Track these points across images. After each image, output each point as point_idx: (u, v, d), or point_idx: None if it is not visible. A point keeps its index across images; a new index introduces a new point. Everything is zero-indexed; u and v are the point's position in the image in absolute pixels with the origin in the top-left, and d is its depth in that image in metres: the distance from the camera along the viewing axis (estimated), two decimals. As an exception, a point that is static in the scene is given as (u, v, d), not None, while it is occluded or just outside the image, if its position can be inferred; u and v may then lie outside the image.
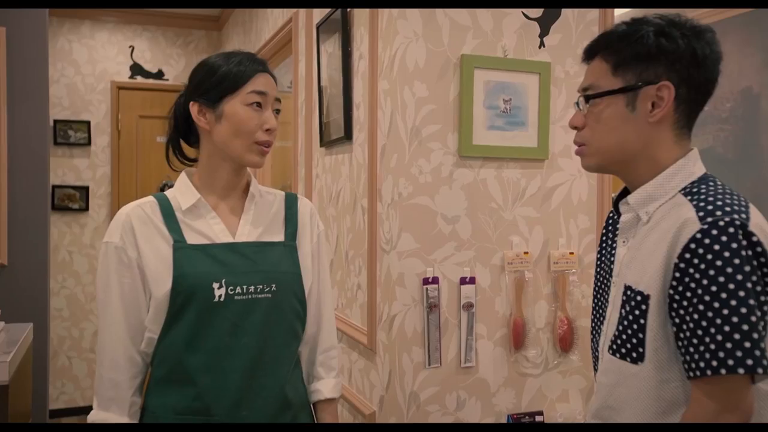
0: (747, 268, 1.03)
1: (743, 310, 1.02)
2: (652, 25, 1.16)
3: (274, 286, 1.39)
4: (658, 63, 1.15)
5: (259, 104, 1.38)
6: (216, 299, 1.34)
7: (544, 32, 2.05)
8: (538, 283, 2.07)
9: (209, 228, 1.40)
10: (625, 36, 1.18)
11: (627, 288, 1.19)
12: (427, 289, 1.93)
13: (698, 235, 1.05)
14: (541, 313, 2.08)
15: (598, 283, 1.37)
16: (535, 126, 2.03)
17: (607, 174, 1.76)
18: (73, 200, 4.80)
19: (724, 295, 1.03)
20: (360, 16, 2.20)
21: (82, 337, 4.84)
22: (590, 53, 1.25)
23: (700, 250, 1.04)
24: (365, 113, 2.14)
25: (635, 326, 1.16)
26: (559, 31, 2.06)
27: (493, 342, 2.02)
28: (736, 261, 1.03)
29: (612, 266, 1.31)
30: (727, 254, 1.03)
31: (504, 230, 2.02)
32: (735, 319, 1.02)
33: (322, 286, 1.55)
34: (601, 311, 1.35)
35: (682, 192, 1.15)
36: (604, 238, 1.40)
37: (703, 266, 1.04)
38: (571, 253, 2.09)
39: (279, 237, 1.46)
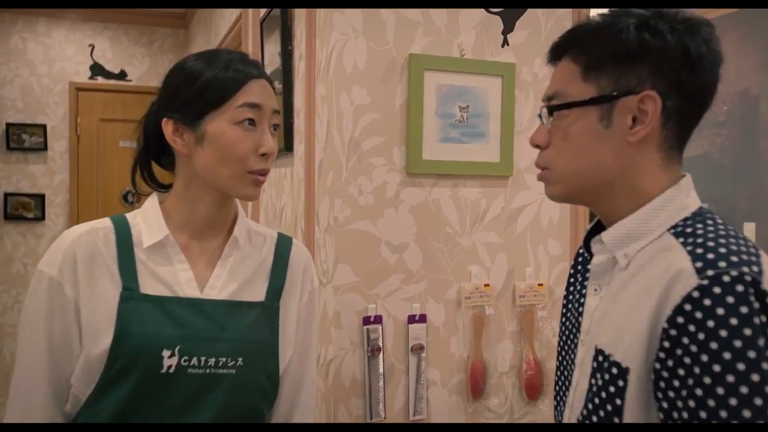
0: (761, 342, 0.76)
1: (758, 402, 0.74)
2: (634, 17, 0.91)
3: (240, 359, 1.09)
4: (640, 65, 0.89)
5: (252, 121, 1.08)
6: (164, 370, 1.05)
7: (508, 28, 1.76)
8: (501, 320, 1.79)
9: (173, 275, 1.10)
10: (600, 30, 0.92)
11: (598, 352, 0.93)
12: (368, 329, 1.65)
13: (695, 294, 0.78)
14: (504, 355, 1.79)
15: (564, 338, 1.10)
16: (497, 137, 1.75)
17: (577, 204, 1.43)
18: (27, 209, 4.51)
19: (731, 379, 0.75)
20: (301, 10, 1.91)
21: (37, 355, 4.55)
22: (557, 52, 0.99)
23: (698, 314, 0.78)
24: (303, 122, 1.86)
25: (609, 407, 0.89)
26: (525, 27, 1.78)
27: (447, 390, 1.74)
28: (747, 331, 0.76)
29: (580, 319, 1.03)
30: (734, 321, 0.76)
31: (461, 259, 1.73)
32: (747, 413, 0.75)
33: (306, 360, 1.23)
34: (566, 373, 1.08)
35: (672, 231, 0.90)
36: (572, 280, 1.13)
37: (701, 336, 0.77)
38: (540, 285, 1.80)
39: (259, 295, 1.15)
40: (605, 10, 0.98)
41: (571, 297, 1.11)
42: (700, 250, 0.82)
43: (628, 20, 0.90)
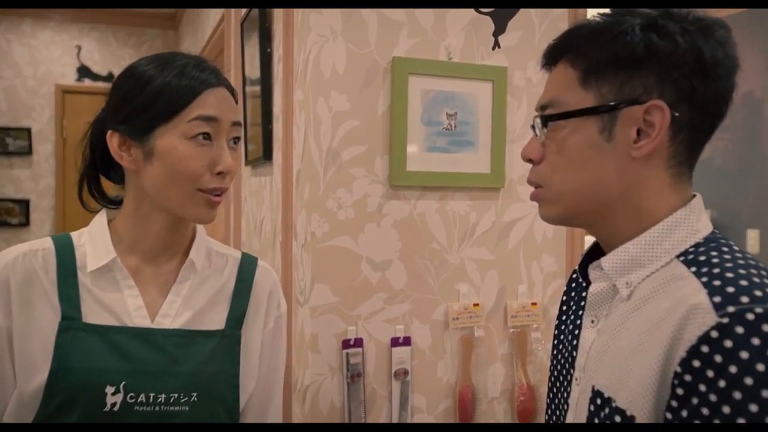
0: None
1: None
2: (639, 17, 0.81)
3: (195, 395, 0.99)
4: (647, 71, 0.79)
5: (207, 135, 0.98)
6: (107, 408, 0.95)
7: (500, 30, 1.64)
8: (492, 342, 1.67)
9: (121, 302, 1.00)
10: (601, 32, 0.82)
11: (596, 394, 0.82)
12: (347, 353, 1.53)
13: (714, 334, 0.68)
14: (495, 379, 1.68)
15: (556, 373, 0.99)
16: (487, 146, 1.63)
17: (574, 227, 1.27)
18: (12, 214, 4.41)
19: None
20: (279, 10, 1.80)
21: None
22: (552, 56, 0.89)
23: (717, 358, 0.68)
24: (282, 129, 1.74)
25: None
26: (518, 29, 1.66)
27: (434, 417, 1.62)
28: None
29: (574, 354, 0.92)
30: (761, 367, 0.66)
31: (448, 277, 1.62)
32: None
33: (270, 392, 1.13)
34: (558, 413, 0.97)
35: (682, 259, 0.80)
36: (564, 308, 1.03)
37: (722, 384, 0.67)
38: (534, 304, 1.69)
39: (218, 322, 1.06)
40: (602, 11, 0.87)
41: (563, 327, 1.00)
42: (717, 282, 0.72)
43: (633, 20, 0.80)
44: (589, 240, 1.00)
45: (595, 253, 0.91)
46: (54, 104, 4.51)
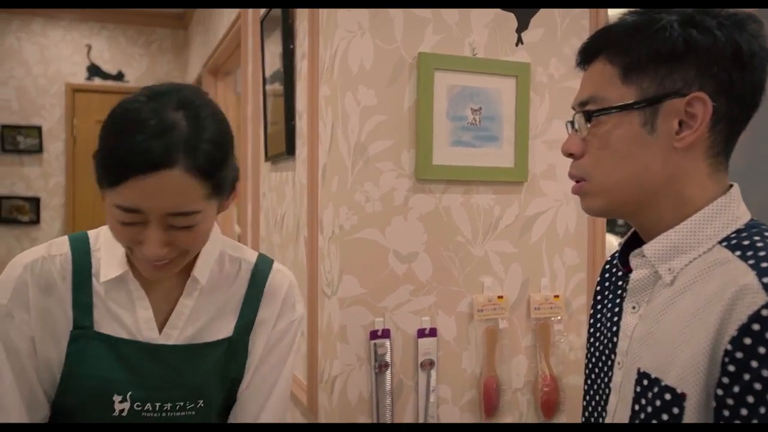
0: None
1: None
2: (675, 14, 0.85)
3: (201, 402, 1.02)
4: (687, 64, 0.83)
5: (131, 220, 0.90)
6: (116, 413, 0.99)
7: (523, 26, 1.67)
8: (516, 334, 1.69)
9: (132, 314, 1.02)
10: (639, 29, 0.86)
11: (642, 375, 0.85)
12: (375, 344, 1.55)
13: (765, 312, 0.71)
14: (519, 371, 1.70)
15: (594, 359, 1.01)
16: (511, 141, 1.66)
17: (614, 218, 1.29)
18: (22, 212, 4.42)
19: None
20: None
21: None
22: (588, 54, 0.92)
23: None
24: (306, 125, 1.76)
25: None
26: (540, 25, 1.69)
27: (459, 407, 1.64)
28: None
29: (615, 340, 0.95)
30: None
31: (473, 269, 1.64)
32: None
33: (263, 388, 1.08)
34: (598, 398, 0.99)
35: (724, 244, 0.83)
36: (599, 297, 1.05)
37: None
38: (556, 297, 1.71)
39: (227, 331, 1.06)
40: (620, 10, 0.91)
41: (599, 316, 1.03)
42: (765, 264, 0.75)
43: (670, 17, 0.84)
44: (610, 235, 1.02)
45: (633, 242, 0.94)
46: (64, 103, 4.53)
